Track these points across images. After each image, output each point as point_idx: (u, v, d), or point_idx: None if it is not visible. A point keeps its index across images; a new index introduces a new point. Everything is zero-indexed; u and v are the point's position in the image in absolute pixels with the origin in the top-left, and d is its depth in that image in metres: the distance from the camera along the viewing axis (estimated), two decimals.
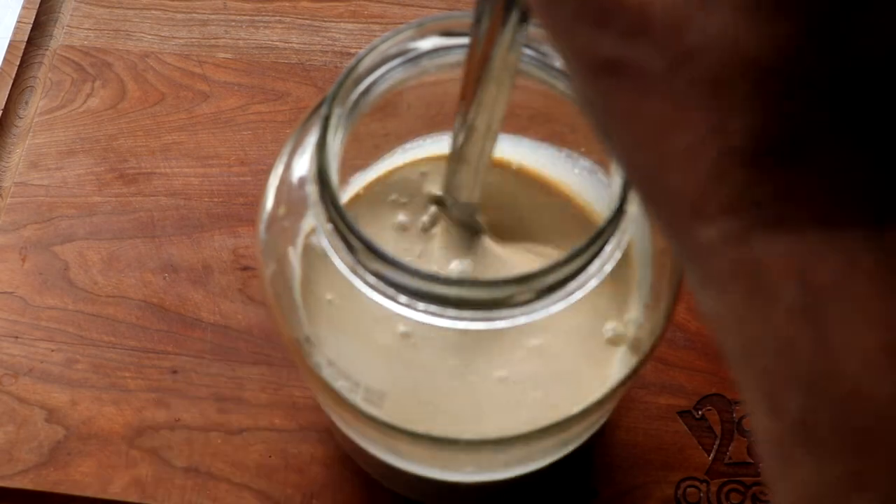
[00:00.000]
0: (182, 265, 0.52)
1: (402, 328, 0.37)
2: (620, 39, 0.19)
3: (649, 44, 0.19)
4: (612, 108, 0.20)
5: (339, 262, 0.30)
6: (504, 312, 0.29)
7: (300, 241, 0.37)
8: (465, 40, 0.33)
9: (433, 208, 0.38)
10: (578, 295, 0.30)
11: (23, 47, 0.58)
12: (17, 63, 0.58)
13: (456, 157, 0.33)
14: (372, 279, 0.29)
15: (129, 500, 0.46)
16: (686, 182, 0.19)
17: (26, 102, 0.57)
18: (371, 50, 0.32)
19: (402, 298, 0.29)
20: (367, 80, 0.32)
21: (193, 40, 0.59)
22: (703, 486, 0.47)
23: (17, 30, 0.59)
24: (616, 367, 0.36)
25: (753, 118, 0.18)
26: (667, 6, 0.19)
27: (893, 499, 0.18)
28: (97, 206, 0.54)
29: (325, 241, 0.30)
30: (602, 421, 0.43)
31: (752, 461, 0.47)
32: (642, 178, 0.21)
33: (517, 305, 0.29)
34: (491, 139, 0.32)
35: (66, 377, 0.49)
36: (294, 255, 0.37)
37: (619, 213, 0.29)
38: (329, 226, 0.30)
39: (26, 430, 0.48)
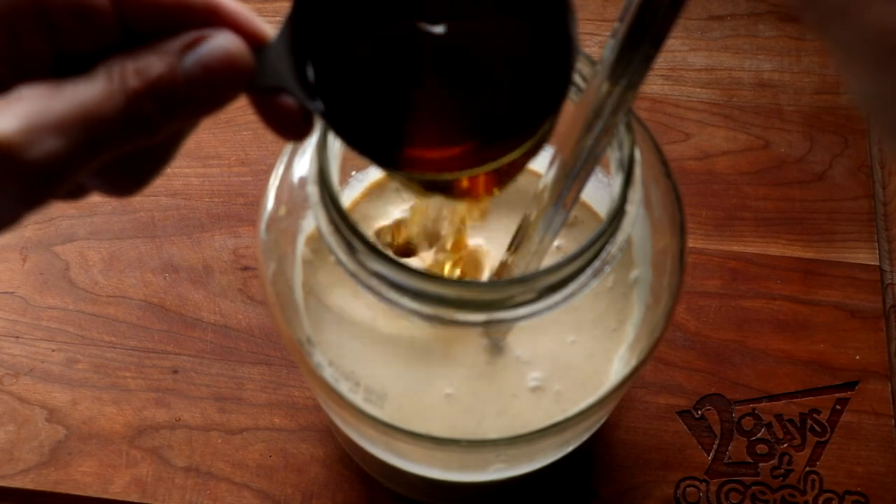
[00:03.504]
0: (182, 265, 0.52)
1: (402, 328, 0.37)
2: None
3: None
4: None
5: (340, 262, 0.30)
6: (505, 313, 0.29)
7: (300, 241, 0.37)
8: None
9: None
10: (579, 295, 0.30)
11: None
12: None
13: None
14: (372, 279, 0.29)
15: (130, 499, 0.47)
16: None
17: None
18: None
19: (403, 299, 0.29)
20: None
21: None
22: (703, 486, 0.47)
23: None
24: (616, 366, 0.36)
25: None
26: None
27: None
28: (98, 206, 0.54)
29: (326, 242, 0.30)
30: (602, 421, 0.43)
31: (751, 461, 0.47)
32: None
33: (518, 306, 0.29)
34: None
35: (67, 377, 0.49)
36: (294, 255, 0.37)
37: (619, 213, 0.29)
38: (330, 226, 0.30)
39: (27, 430, 0.48)
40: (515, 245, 0.33)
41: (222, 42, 0.24)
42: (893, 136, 0.20)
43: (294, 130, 0.26)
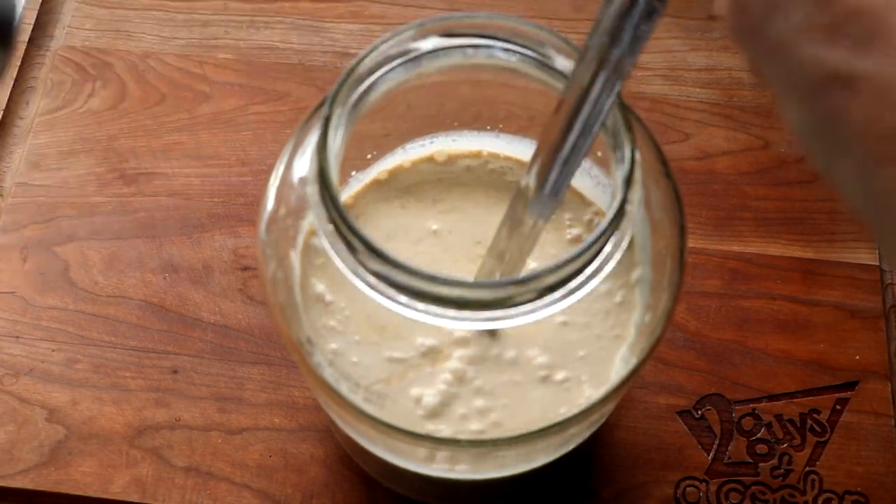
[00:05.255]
0: (182, 265, 0.52)
1: (402, 328, 0.37)
2: (852, 51, 0.19)
3: (887, 52, 0.19)
4: (846, 122, 0.20)
5: (340, 262, 0.30)
6: (505, 313, 0.29)
7: (300, 241, 0.37)
8: (465, 41, 0.33)
9: None
10: (579, 295, 0.30)
11: (24, 48, 0.58)
12: (18, 63, 0.58)
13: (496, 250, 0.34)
14: (372, 279, 0.29)
15: (130, 499, 0.47)
16: None
17: (27, 103, 0.57)
18: (372, 50, 0.32)
19: (403, 299, 0.29)
20: (367, 81, 0.32)
21: (194, 41, 0.59)
22: (703, 486, 0.47)
23: (18, 30, 0.59)
24: (616, 366, 0.36)
25: None
26: None
27: None
28: (98, 207, 0.54)
29: (326, 242, 0.30)
30: (602, 421, 0.43)
31: (751, 461, 0.47)
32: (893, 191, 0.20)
33: (518, 305, 0.29)
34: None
35: (67, 377, 0.49)
36: (294, 255, 0.37)
37: (619, 213, 0.30)
38: (330, 226, 0.30)
39: (27, 430, 0.48)
40: (501, 240, 0.33)
41: None
42: (823, 163, 0.22)
43: None
